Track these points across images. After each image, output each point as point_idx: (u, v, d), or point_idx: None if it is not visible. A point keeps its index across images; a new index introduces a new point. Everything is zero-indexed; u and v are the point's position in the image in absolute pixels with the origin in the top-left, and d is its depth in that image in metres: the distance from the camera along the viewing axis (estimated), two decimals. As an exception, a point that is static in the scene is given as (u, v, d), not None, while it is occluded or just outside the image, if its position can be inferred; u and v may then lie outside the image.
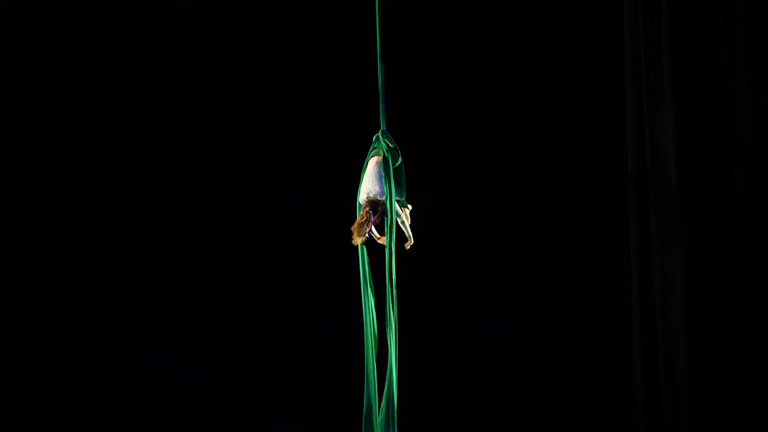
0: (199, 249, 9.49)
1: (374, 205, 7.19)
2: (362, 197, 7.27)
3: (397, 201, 7.42)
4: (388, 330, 7.26)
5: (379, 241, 7.32)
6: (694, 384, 8.25)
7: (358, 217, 7.18)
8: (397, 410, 7.28)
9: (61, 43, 9.50)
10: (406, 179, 7.45)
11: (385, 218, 7.20)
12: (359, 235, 7.13)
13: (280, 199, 9.40)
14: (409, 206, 7.63)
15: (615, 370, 8.92)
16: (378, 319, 7.36)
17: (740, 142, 8.22)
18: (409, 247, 7.61)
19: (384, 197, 7.19)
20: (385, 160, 7.24)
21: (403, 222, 7.49)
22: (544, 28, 9.35)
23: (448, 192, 9.41)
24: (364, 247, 7.33)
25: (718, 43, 8.31)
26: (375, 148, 7.35)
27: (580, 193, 9.22)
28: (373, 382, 7.31)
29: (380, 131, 7.40)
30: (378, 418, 7.26)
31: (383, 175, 7.19)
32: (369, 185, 7.24)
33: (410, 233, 7.56)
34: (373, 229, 7.26)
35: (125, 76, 9.56)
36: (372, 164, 7.29)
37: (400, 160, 7.36)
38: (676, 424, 8.32)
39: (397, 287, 7.29)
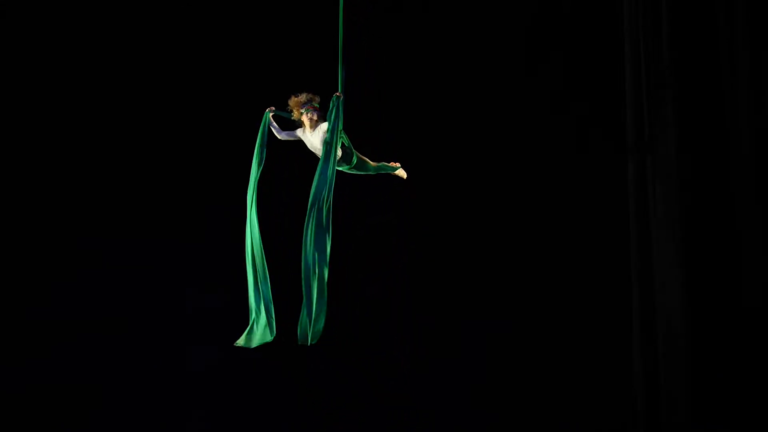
0: (199, 249, 9.49)
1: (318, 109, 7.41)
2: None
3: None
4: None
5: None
6: (694, 385, 8.24)
7: (305, 97, 7.42)
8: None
9: (61, 44, 9.51)
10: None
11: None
12: (299, 110, 7.42)
13: (280, 198, 9.39)
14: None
15: (615, 371, 8.92)
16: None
17: (740, 142, 8.22)
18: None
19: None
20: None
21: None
22: (544, 28, 9.35)
23: (449, 193, 9.42)
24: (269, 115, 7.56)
25: (718, 43, 8.31)
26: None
27: (581, 193, 9.22)
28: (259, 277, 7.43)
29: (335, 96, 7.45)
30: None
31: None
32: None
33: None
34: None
35: (125, 77, 9.57)
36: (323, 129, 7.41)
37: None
38: (675, 425, 8.32)
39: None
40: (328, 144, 7.28)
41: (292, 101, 7.49)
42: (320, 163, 7.30)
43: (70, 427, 9.29)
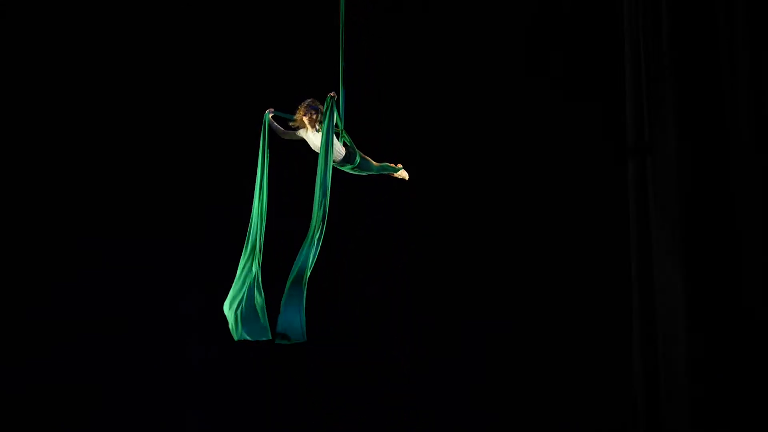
0: (199, 249, 9.50)
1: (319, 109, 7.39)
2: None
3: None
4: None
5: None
6: (694, 385, 8.24)
7: (308, 102, 7.42)
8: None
9: (61, 44, 9.51)
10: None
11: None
12: (301, 114, 7.39)
13: (280, 198, 9.39)
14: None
15: (615, 371, 8.92)
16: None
17: (740, 142, 8.22)
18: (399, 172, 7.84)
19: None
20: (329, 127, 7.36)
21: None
22: (544, 28, 9.35)
23: (449, 193, 9.42)
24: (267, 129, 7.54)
25: (718, 43, 8.31)
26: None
27: (581, 194, 9.22)
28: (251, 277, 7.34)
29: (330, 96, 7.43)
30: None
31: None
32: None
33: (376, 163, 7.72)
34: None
35: (125, 77, 9.58)
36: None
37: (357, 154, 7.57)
38: (675, 425, 8.31)
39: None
40: (324, 145, 7.28)
41: (300, 109, 7.48)
42: (318, 165, 7.32)
43: (70, 427, 9.29)
